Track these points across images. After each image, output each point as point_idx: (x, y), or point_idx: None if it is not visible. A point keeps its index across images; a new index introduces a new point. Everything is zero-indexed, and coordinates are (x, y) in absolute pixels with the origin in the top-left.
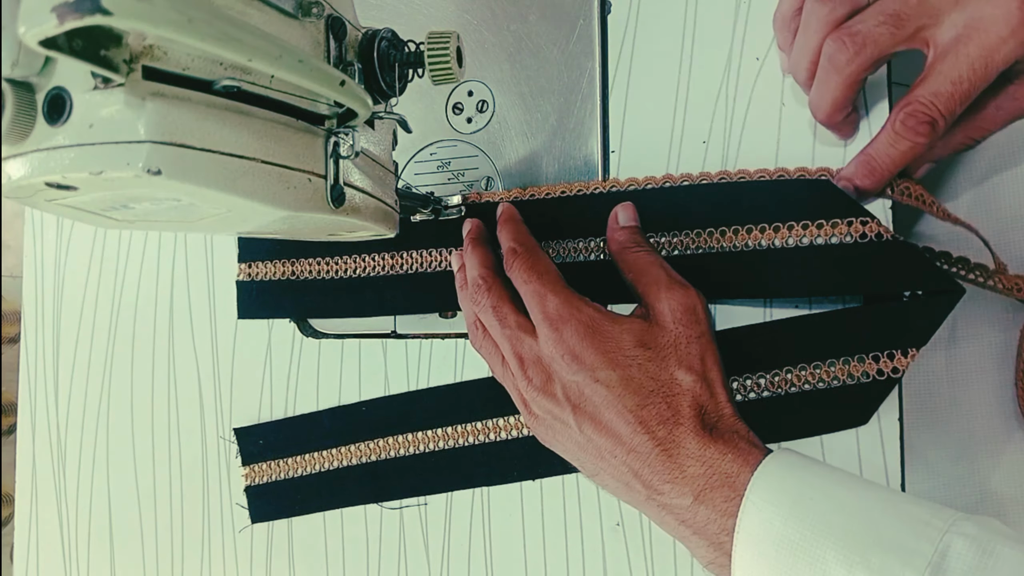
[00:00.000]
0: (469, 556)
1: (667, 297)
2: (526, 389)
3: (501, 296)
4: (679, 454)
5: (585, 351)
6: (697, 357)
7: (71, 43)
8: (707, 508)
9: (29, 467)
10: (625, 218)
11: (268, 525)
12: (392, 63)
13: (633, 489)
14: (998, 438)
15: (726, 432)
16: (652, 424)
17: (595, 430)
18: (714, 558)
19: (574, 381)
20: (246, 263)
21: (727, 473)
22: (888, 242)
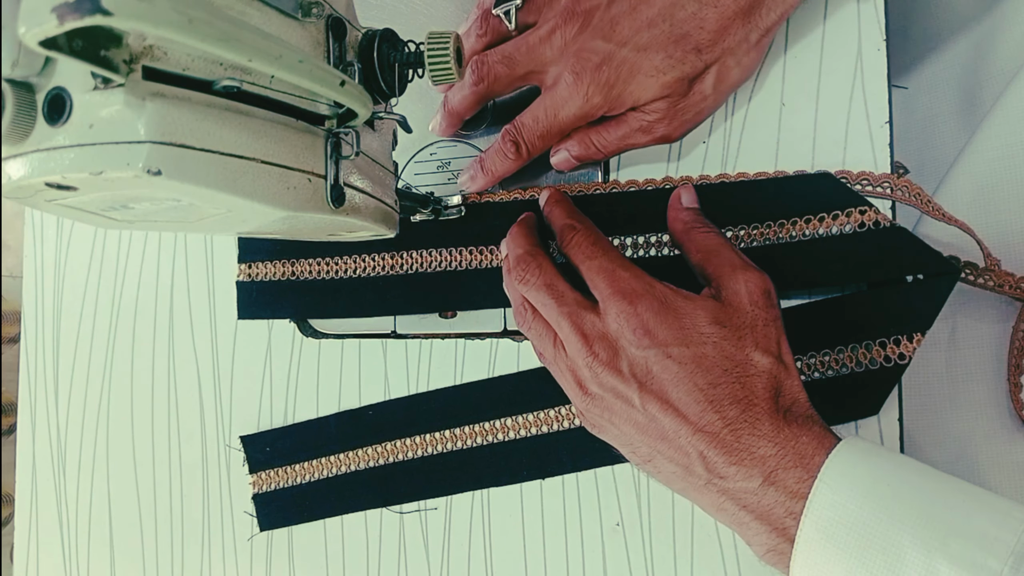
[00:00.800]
0: (469, 556)
1: (744, 279)
2: (590, 365)
3: (553, 273)
4: (750, 435)
5: (659, 326)
6: (774, 340)
7: (71, 43)
8: (776, 490)
9: (29, 467)
10: (689, 199)
11: (267, 532)
12: (392, 63)
13: (693, 473)
14: (998, 438)
15: (801, 416)
16: (724, 404)
17: (660, 408)
18: (775, 544)
19: (643, 356)
20: (246, 263)
21: (801, 454)
22: (886, 229)
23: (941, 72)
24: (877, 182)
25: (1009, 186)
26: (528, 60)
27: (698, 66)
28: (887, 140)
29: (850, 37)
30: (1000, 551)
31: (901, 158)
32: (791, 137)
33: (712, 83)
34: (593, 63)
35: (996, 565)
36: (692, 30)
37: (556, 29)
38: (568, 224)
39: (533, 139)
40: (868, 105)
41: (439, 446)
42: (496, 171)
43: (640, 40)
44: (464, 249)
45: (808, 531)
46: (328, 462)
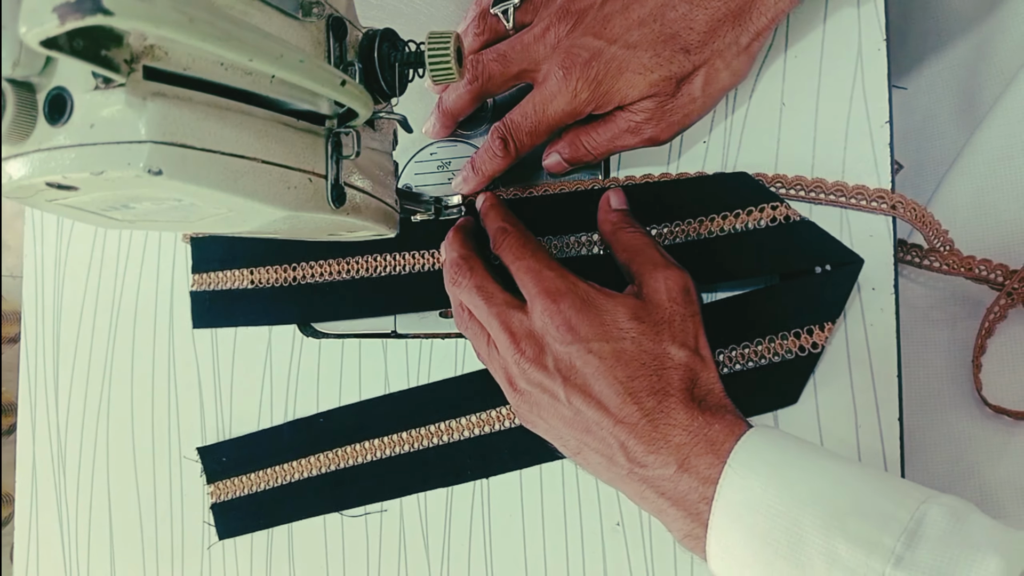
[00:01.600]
0: (469, 556)
1: (663, 276)
2: (517, 362)
3: (484, 275)
4: (666, 424)
5: (581, 323)
6: (691, 334)
7: (72, 43)
8: (689, 476)
9: (29, 467)
10: (617, 201)
11: (268, 533)
12: (392, 63)
13: (616, 463)
14: (998, 438)
15: (714, 406)
16: (641, 395)
17: (584, 401)
18: (690, 529)
19: (567, 352)
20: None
21: (712, 441)
22: (795, 223)
23: (941, 72)
24: (871, 197)
25: (1008, 186)
26: (521, 58)
27: (686, 67)
28: (887, 140)
29: (850, 37)
30: (894, 528)
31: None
32: (791, 137)
33: (700, 85)
34: (582, 59)
35: (890, 542)
36: (681, 30)
37: (550, 27)
38: (500, 227)
39: (521, 136)
40: (868, 105)
41: (387, 450)
42: (486, 170)
43: (630, 38)
44: None
45: (718, 515)
46: (282, 470)
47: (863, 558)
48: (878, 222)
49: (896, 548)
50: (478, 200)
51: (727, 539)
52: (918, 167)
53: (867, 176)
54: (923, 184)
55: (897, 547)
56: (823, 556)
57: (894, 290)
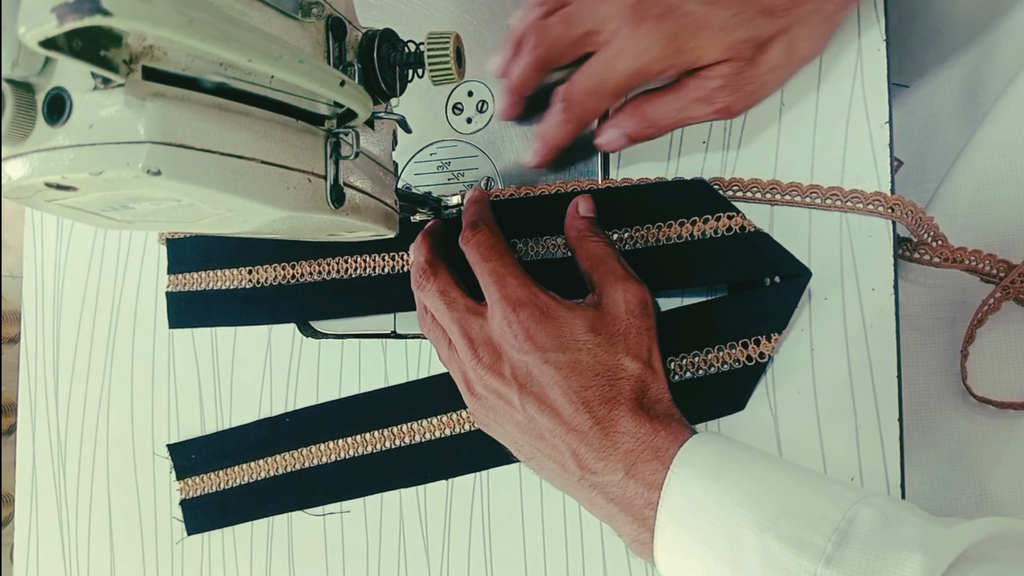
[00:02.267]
0: (469, 556)
1: (623, 289)
2: (474, 368)
3: (447, 280)
4: (615, 431)
5: (539, 333)
6: (645, 347)
7: (71, 43)
8: (636, 482)
9: (29, 467)
10: (585, 209)
11: (268, 525)
12: (392, 63)
13: (568, 470)
14: (998, 438)
15: (662, 414)
16: (594, 404)
17: (538, 409)
18: (638, 534)
19: (524, 361)
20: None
21: (657, 448)
22: (749, 233)
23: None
24: (868, 200)
25: (1010, 184)
26: (587, 17)
27: (768, 30)
28: (887, 140)
29: (850, 37)
30: (825, 528)
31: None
32: (791, 137)
33: (780, 54)
34: (654, 13)
35: (821, 542)
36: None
37: None
38: (472, 222)
39: (584, 97)
40: (868, 105)
41: (350, 450)
42: (550, 138)
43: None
44: None
45: (663, 519)
46: (249, 468)
47: (795, 557)
48: (878, 223)
49: (827, 547)
50: (467, 194)
51: (672, 543)
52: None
53: (867, 176)
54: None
55: (828, 546)
56: (759, 556)
57: (894, 291)
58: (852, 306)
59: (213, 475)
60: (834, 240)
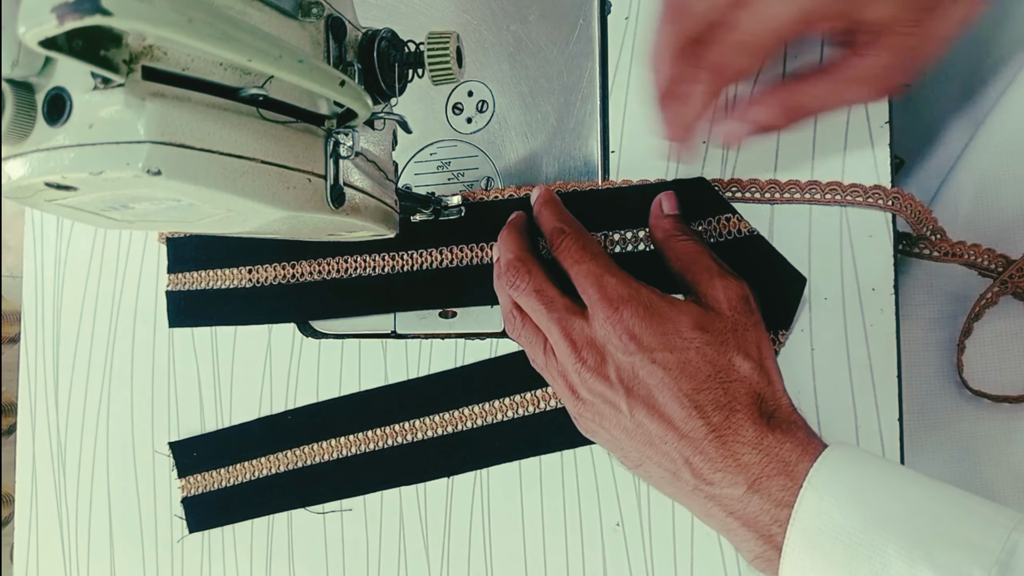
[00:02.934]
0: (469, 556)
1: (722, 285)
2: (579, 371)
3: (543, 279)
4: (734, 441)
5: (644, 332)
6: (754, 345)
7: (71, 43)
8: (761, 498)
9: (29, 467)
10: (669, 207)
11: (268, 525)
12: (392, 63)
13: (680, 479)
14: (999, 438)
15: (784, 421)
16: (708, 409)
17: (647, 414)
18: (762, 552)
19: (630, 362)
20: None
21: (785, 461)
22: (748, 237)
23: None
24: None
25: (1012, 183)
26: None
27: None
28: (887, 140)
29: None
30: (984, 560)
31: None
32: (791, 137)
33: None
34: None
35: (980, 574)
36: None
37: None
38: (557, 228)
39: (732, 56)
40: (868, 105)
41: (352, 448)
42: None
43: None
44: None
45: (795, 540)
46: (251, 466)
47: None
48: (878, 222)
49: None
50: (532, 194)
51: (804, 565)
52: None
53: (867, 176)
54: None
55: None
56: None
57: (894, 290)
58: (852, 306)
59: (215, 473)
60: (834, 240)
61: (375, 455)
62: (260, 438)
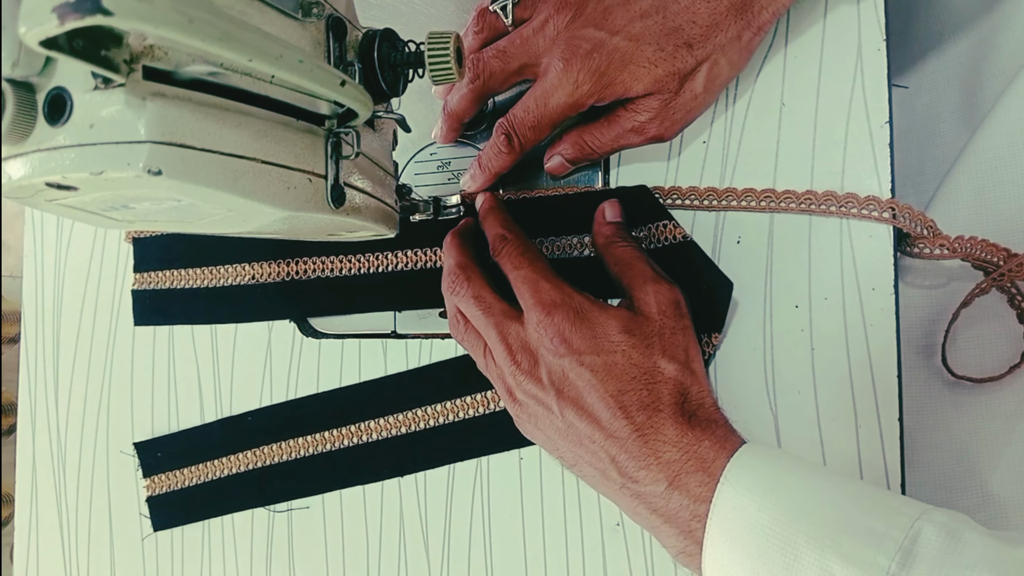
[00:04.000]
0: (469, 556)
1: (653, 290)
2: (513, 374)
3: (482, 285)
4: (656, 439)
5: (574, 336)
6: (681, 348)
7: (71, 43)
8: (680, 494)
9: (29, 467)
10: (612, 214)
11: (268, 525)
12: (392, 63)
13: (609, 477)
14: (999, 439)
15: (705, 420)
16: (632, 410)
17: (577, 415)
18: (684, 547)
19: (560, 365)
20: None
21: (703, 458)
22: (683, 243)
23: (942, 71)
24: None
25: (1011, 185)
26: (521, 52)
27: (689, 62)
28: (887, 140)
29: (850, 37)
30: (888, 547)
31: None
32: (791, 137)
33: (703, 81)
34: (584, 50)
35: (884, 561)
36: (684, 24)
37: (549, 19)
38: (499, 234)
39: (524, 130)
40: (868, 105)
41: (309, 448)
42: (492, 167)
43: (632, 30)
44: None
45: (713, 534)
46: (212, 466)
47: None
48: (878, 223)
49: (891, 568)
50: (477, 201)
51: (723, 558)
52: (919, 166)
53: (867, 176)
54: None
55: (892, 567)
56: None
57: (894, 291)
58: (852, 306)
59: (178, 473)
60: (834, 240)
61: (330, 455)
62: (222, 439)
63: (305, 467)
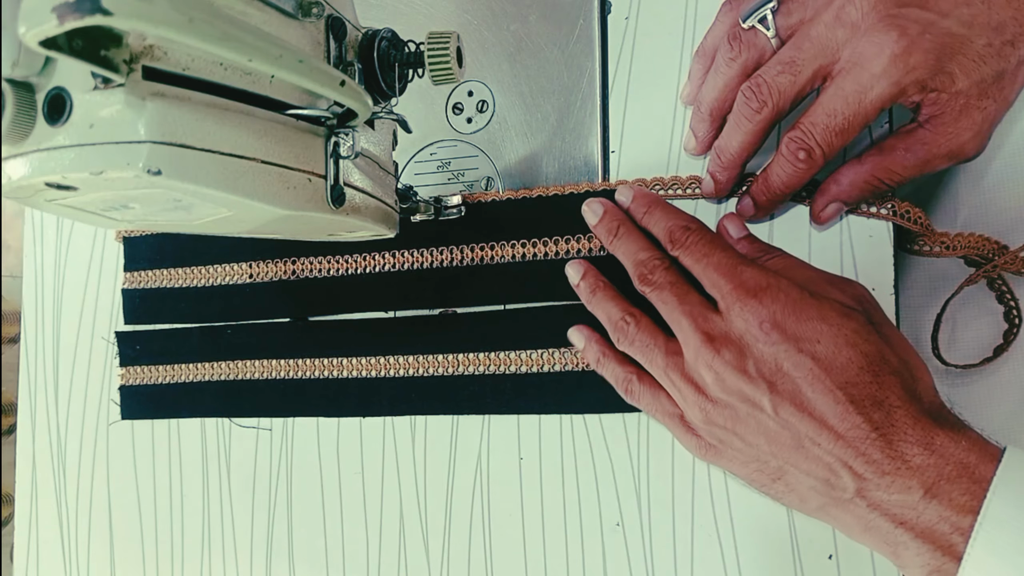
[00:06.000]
0: (469, 556)
1: (839, 288)
2: (712, 365)
3: (678, 274)
4: (901, 441)
5: (788, 319)
6: (894, 339)
7: (71, 43)
8: (939, 504)
9: (29, 467)
10: (736, 229)
11: (268, 525)
12: (392, 63)
13: (835, 486)
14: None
15: (950, 421)
16: (866, 405)
17: (795, 412)
18: (939, 565)
19: (773, 353)
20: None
21: (964, 463)
22: None
23: None
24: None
25: (1011, 185)
26: (817, 52)
27: (1012, 62)
28: None
29: None
30: None
31: None
32: None
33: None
34: (915, 29)
35: None
36: (1009, 20)
37: (847, 3)
38: (682, 226)
39: (830, 137)
40: None
41: (281, 372)
42: (791, 185)
43: (962, 15)
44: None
45: (979, 551)
46: (187, 368)
47: None
48: (878, 223)
49: None
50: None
51: None
52: None
53: None
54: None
55: None
56: None
57: (894, 290)
58: None
59: (153, 368)
60: (834, 240)
61: (299, 383)
62: (199, 345)
63: (274, 388)
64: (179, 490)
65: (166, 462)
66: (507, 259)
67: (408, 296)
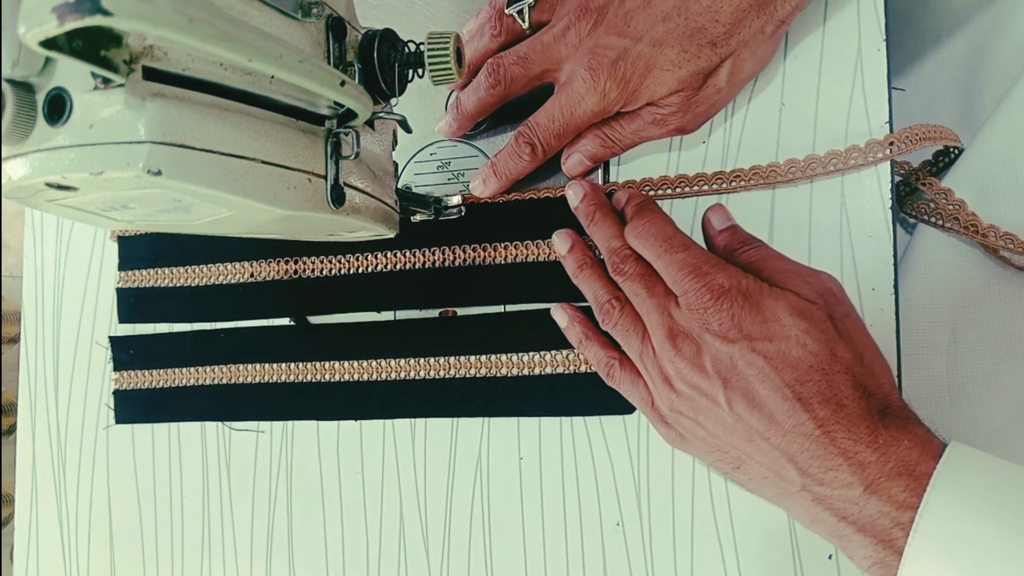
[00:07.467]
0: (469, 556)
1: (805, 281)
2: (672, 360)
3: (646, 266)
4: (845, 438)
5: (744, 319)
6: (853, 336)
7: (71, 43)
8: (879, 500)
9: (29, 467)
10: (719, 220)
11: (268, 524)
12: (392, 63)
13: (785, 479)
14: (999, 440)
15: (898, 417)
16: (812, 403)
17: (747, 407)
18: (881, 558)
19: (728, 352)
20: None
21: (904, 460)
22: None
23: (940, 73)
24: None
25: (1011, 187)
26: (543, 58)
27: (713, 60)
28: None
29: (850, 37)
30: None
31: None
32: (791, 137)
33: (726, 76)
34: (609, 59)
35: None
36: (707, 23)
37: (570, 26)
38: (638, 208)
39: (549, 138)
40: (868, 105)
41: (275, 376)
42: (510, 173)
43: (655, 34)
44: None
45: (919, 545)
46: (180, 373)
47: None
48: (878, 223)
49: None
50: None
51: (929, 571)
52: None
53: (866, 176)
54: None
55: None
56: None
57: (894, 290)
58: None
59: (147, 372)
60: (834, 240)
61: (292, 387)
62: (193, 349)
63: (268, 392)
64: (179, 490)
65: (166, 462)
66: (507, 260)
67: (408, 296)
